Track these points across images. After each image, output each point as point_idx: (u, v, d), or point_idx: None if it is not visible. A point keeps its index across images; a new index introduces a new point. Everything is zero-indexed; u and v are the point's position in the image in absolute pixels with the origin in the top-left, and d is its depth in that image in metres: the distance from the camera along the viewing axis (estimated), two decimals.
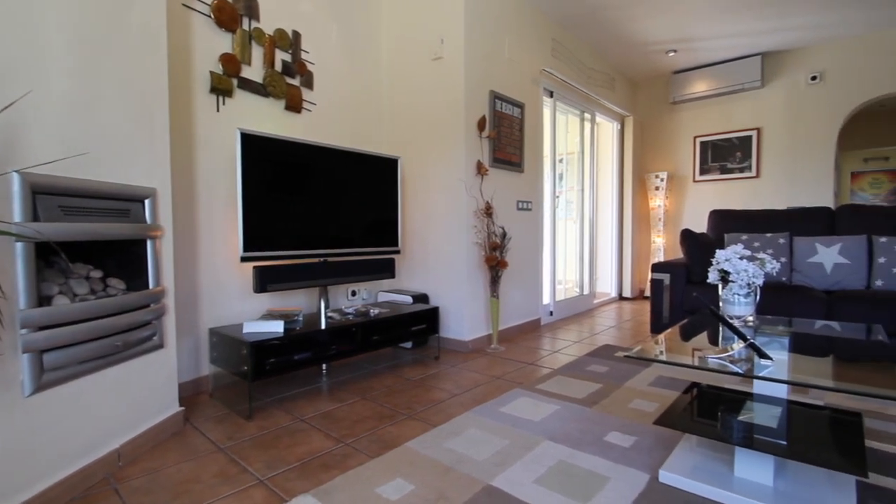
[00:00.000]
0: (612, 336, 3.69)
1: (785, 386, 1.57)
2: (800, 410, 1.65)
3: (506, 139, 3.47)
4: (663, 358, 1.48)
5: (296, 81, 2.93)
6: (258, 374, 2.10)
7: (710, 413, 1.63)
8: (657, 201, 5.52)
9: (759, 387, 1.69)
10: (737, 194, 5.14)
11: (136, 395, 1.76)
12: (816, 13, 3.95)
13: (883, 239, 3.01)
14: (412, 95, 3.38)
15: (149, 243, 1.82)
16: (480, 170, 3.19)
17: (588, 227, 4.97)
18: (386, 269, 2.96)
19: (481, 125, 3.21)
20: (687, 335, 1.88)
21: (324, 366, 2.80)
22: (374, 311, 2.75)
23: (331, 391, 2.45)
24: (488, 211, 3.15)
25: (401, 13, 3.43)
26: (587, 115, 4.82)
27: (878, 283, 2.95)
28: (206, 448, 1.81)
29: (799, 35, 4.41)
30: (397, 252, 3.04)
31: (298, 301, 2.94)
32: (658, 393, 2.32)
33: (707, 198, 5.32)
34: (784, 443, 1.39)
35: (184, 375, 2.37)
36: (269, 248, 2.36)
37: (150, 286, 1.83)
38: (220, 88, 2.50)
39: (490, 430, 1.91)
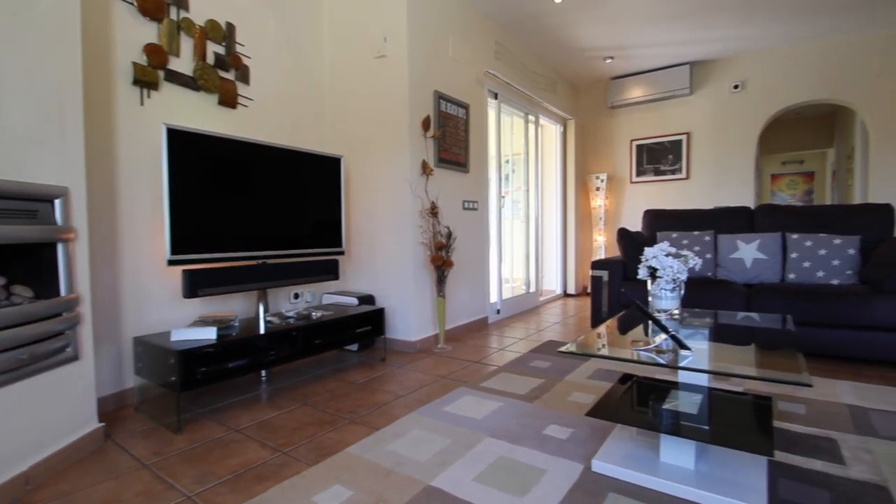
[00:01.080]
0: (557, 332, 3.80)
1: (706, 374, 1.68)
2: (719, 397, 1.77)
3: (451, 139, 3.49)
4: (591, 352, 1.53)
5: (230, 75, 2.80)
6: (188, 385, 1.99)
7: (639, 402, 1.71)
8: (598, 201, 5.75)
9: (683, 376, 1.79)
10: (670, 194, 5.45)
11: (46, 412, 1.61)
12: (737, 27, 4.25)
13: (795, 236, 3.29)
14: (356, 93, 3.33)
15: (60, 247, 1.68)
16: (425, 170, 3.19)
17: (534, 226, 5.10)
18: (329, 271, 2.90)
19: (426, 125, 3.20)
20: (621, 329, 1.97)
21: (263, 372, 2.69)
22: (316, 314, 2.68)
23: (270, 398, 2.36)
24: (434, 211, 3.16)
25: (343, 9, 3.36)
26: (531, 118, 4.94)
27: (791, 276, 3.22)
28: (128, 466, 1.69)
29: (723, 46, 4.73)
30: (341, 253, 2.98)
31: (235, 306, 2.81)
32: (596, 385, 2.41)
33: (643, 198, 5.61)
34: (704, 427, 1.48)
35: (105, 389, 2.20)
36: (199, 250, 2.24)
37: (63, 293, 1.69)
38: (145, 80, 2.35)
39: (433, 431, 1.91)
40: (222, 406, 2.26)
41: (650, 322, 2.05)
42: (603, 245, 5.77)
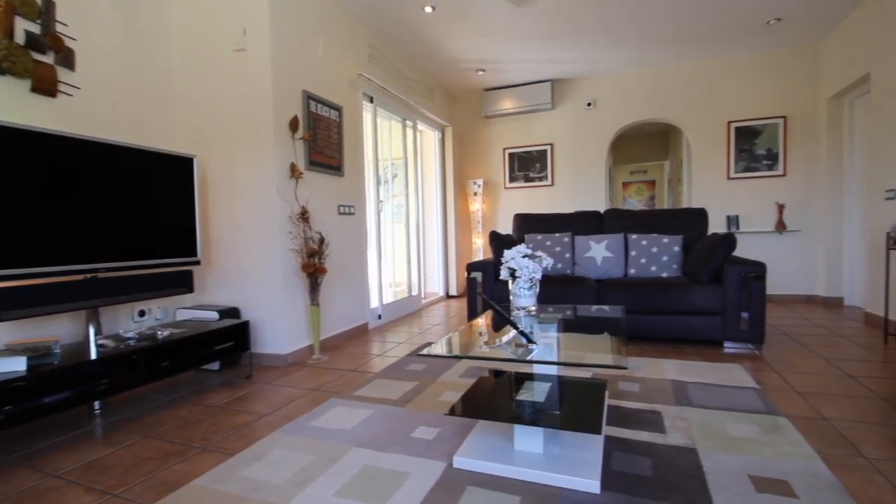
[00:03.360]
0: (438, 333, 3.88)
1: (555, 365, 1.84)
2: (564, 384, 1.94)
3: (323, 142, 3.38)
4: (447, 353, 1.58)
5: (48, 58, 2.38)
6: None
7: (497, 395, 1.81)
8: (476, 205, 6.02)
9: (537, 367, 1.93)
10: (539, 199, 5.91)
11: None
12: (589, 51, 4.77)
13: (634, 236, 3.78)
14: (214, 89, 3.05)
15: None
16: (294, 172, 3.04)
17: (415, 230, 5.16)
18: (182, 283, 2.60)
19: (294, 125, 3.06)
20: (482, 327, 2.06)
21: (97, 404, 2.32)
22: (163, 333, 2.39)
23: (105, 434, 2.04)
24: (304, 216, 3.02)
25: None
26: (409, 123, 5.00)
27: (632, 271, 3.69)
28: None
29: (578, 67, 5.27)
30: (196, 263, 2.70)
31: (59, 329, 2.39)
32: (467, 383, 2.50)
33: (516, 202, 6.01)
34: (550, 414, 1.61)
35: None
36: (5, 264, 1.86)
37: None
38: None
39: (296, 448, 1.81)
40: (39, 449, 1.90)
41: (512, 320, 2.18)
42: (481, 247, 6.05)
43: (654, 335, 3.25)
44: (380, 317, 4.25)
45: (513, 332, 1.73)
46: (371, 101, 4.17)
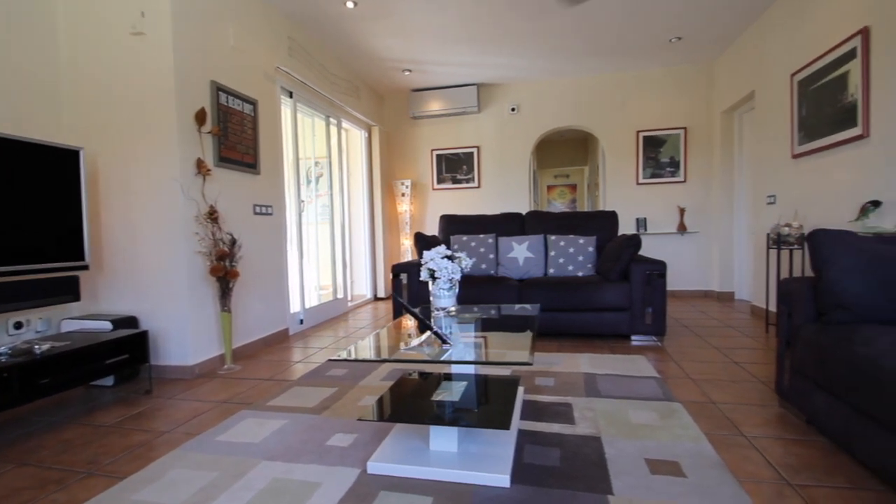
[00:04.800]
0: (363, 337, 3.80)
1: (466, 364, 1.86)
2: (480, 382, 1.97)
3: (236, 137, 3.18)
4: (361, 357, 1.54)
5: None
6: None
7: (413, 397, 1.80)
8: (404, 206, 6.00)
9: (454, 367, 1.95)
10: (467, 201, 6.01)
11: None
12: (511, 57, 4.92)
13: (553, 237, 3.95)
14: (108, 75, 2.76)
15: None
16: (202, 169, 2.83)
17: (341, 231, 5.03)
18: (65, 290, 2.33)
19: (201, 118, 2.85)
20: (401, 329, 2.04)
21: None
22: (42, 347, 2.12)
23: None
24: (213, 215, 2.82)
25: None
26: (333, 121, 4.86)
27: (551, 271, 3.85)
28: None
29: (502, 73, 5.42)
30: (84, 268, 2.43)
31: None
32: (387, 386, 2.46)
33: (444, 204, 6.06)
34: (463, 412, 1.62)
35: None
36: None
37: None
38: None
39: (198, 466, 1.68)
40: None
41: (431, 321, 2.18)
42: (409, 248, 6.03)
43: (570, 331, 3.41)
44: (302, 321, 4.09)
45: (427, 333, 1.73)
46: (290, 96, 4.00)
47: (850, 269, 1.68)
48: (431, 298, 2.28)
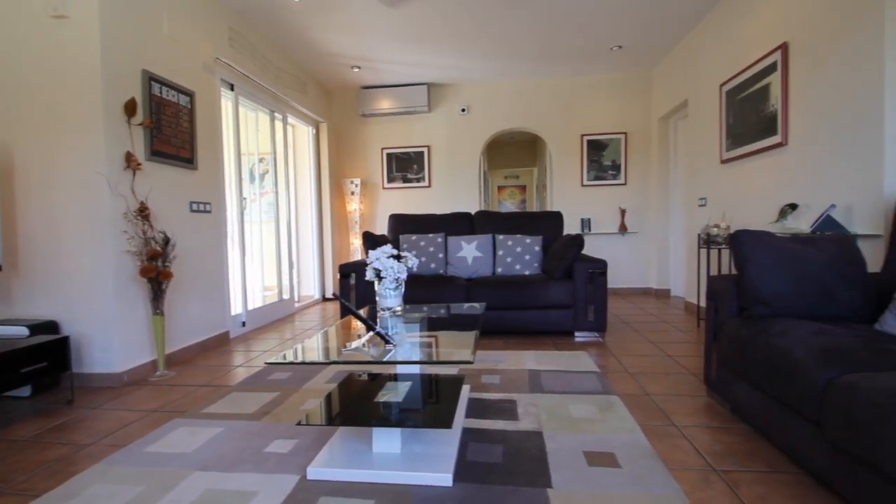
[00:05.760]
0: (310, 338, 3.69)
1: (407, 364, 1.85)
2: (424, 382, 1.97)
3: (170, 130, 3.00)
4: (300, 360, 1.50)
5: None
6: None
7: (357, 399, 1.77)
8: (353, 205, 5.89)
9: (400, 368, 1.93)
10: (417, 200, 5.99)
11: None
12: (459, 58, 4.95)
13: (501, 236, 4.01)
14: (23, 61, 2.52)
15: None
16: (131, 163, 2.65)
17: (287, 229, 4.87)
18: None
19: (131, 109, 2.66)
20: (349, 330, 2.00)
21: None
22: None
23: None
24: (144, 212, 2.65)
25: None
26: (278, 116, 4.70)
27: (499, 270, 3.91)
28: None
29: (452, 73, 5.45)
30: None
31: None
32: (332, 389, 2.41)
33: (394, 203, 6.01)
34: (406, 413, 1.61)
35: None
36: None
37: None
38: None
39: (123, 480, 1.56)
40: None
41: (377, 321, 2.15)
42: (359, 248, 5.94)
43: (517, 329, 3.48)
44: (244, 324, 3.92)
45: (370, 334, 1.70)
46: (232, 88, 3.83)
47: (767, 268, 1.81)
48: (377, 298, 2.25)
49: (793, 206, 2.86)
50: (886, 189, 2.22)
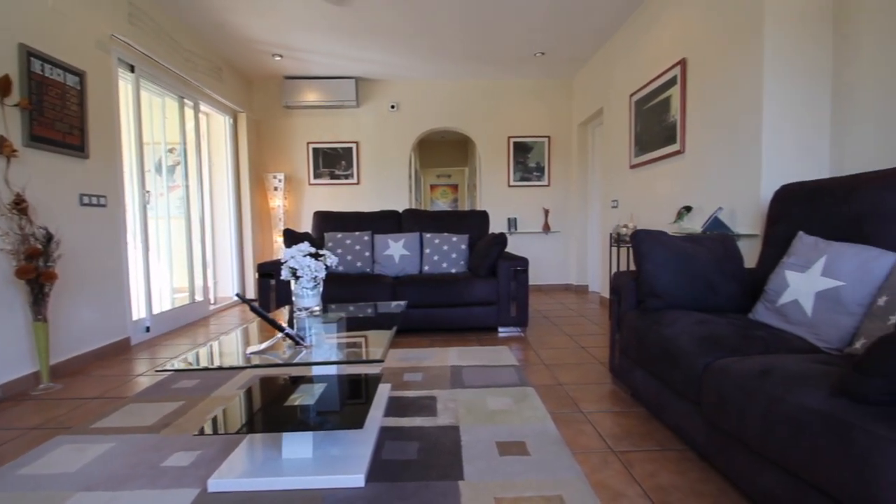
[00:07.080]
0: (224, 342, 3.47)
1: (334, 365, 1.80)
2: (341, 382, 1.93)
3: (55, 113, 2.68)
4: (195, 366, 1.40)
5: None
6: None
7: (267, 404, 1.69)
8: (277, 201, 5.63)
9: (315, 369, 1.87)
10: (345, 197, 5.85)
11: None
12: (388, 54, 4.89)
13: (428, 235, 4.02)
14: None
15: None
16: (4, 149, 2.33)
17: (200, 226, 4.54)
18: None
19: (4, 88, 2.34)
20: (260, 331, 1.90)
21: None
22: None
23: None
24: (20, 206, 2.34)
25: None
26: (189, 103, 4.37)
27: (426, 268, 3.92)
28: None
29: (381, 69, 5.37)
30: None
31: None
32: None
33: (321, 199, 5.83)
34: (318, 415, 1.56)
35: None
36: None
37: None
38: None
39: None
40: None
41: (294, 321, 2.07)
42: (283, 246, 5.68)
43: (443, 326, 3.51)
44: (148, 329, 3.60)
45: (278, 335, 1.63)
46: (132, 70, 3.49)
47: (661, 264, 1.97)
48: (294, 298, 2.17)
49: (688, 209, 3.14)
50: (762, 194, 2.50)
